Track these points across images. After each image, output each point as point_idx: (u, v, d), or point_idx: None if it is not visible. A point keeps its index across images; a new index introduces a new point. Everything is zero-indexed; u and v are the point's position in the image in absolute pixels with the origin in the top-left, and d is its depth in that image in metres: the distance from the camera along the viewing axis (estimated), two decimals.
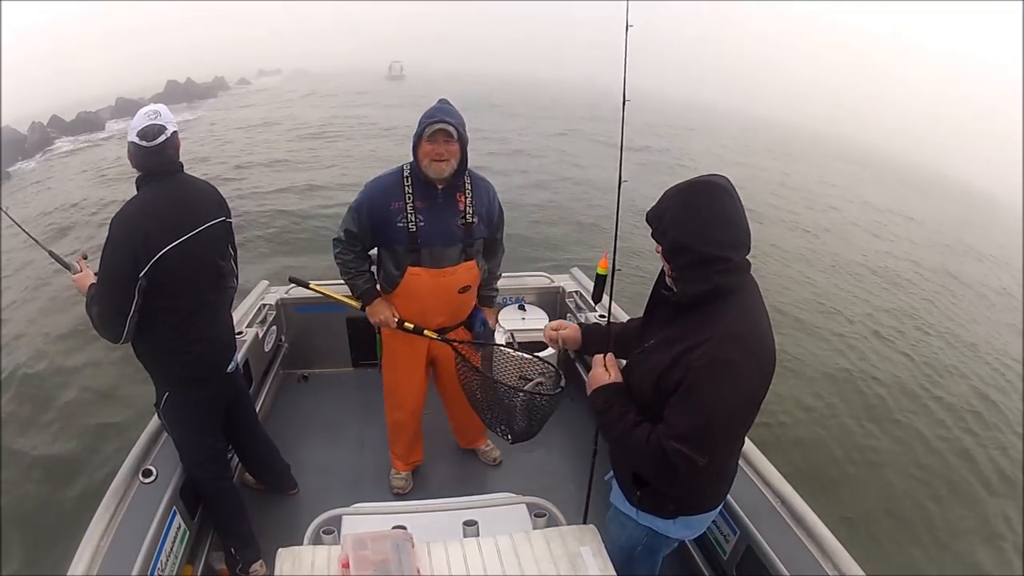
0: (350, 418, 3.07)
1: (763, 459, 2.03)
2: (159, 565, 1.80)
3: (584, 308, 3.28)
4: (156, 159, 1.76)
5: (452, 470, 2.77)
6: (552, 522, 1.60)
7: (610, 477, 1.67)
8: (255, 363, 2.97)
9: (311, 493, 2.58)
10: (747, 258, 1.31)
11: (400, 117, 20.89)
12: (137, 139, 1.73)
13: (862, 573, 1.62)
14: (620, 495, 1.58)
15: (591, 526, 1.52)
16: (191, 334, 1.89)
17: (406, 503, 1.98)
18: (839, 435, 5.37)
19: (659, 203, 1.34)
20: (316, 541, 1.53)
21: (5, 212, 2.19)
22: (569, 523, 1.57)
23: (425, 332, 2.22)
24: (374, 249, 2.25)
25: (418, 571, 1.32)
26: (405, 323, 2.23)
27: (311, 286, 2.55)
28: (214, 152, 16.06)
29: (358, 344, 3.38)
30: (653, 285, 1.49)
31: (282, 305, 3.32)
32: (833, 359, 6.76)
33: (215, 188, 2.01)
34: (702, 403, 1.21)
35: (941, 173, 37.66)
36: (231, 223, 2.04)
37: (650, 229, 1.36)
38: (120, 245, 1.70)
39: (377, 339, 2.46)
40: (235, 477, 2.47)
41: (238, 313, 3.07)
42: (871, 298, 9.14)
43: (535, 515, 1.65)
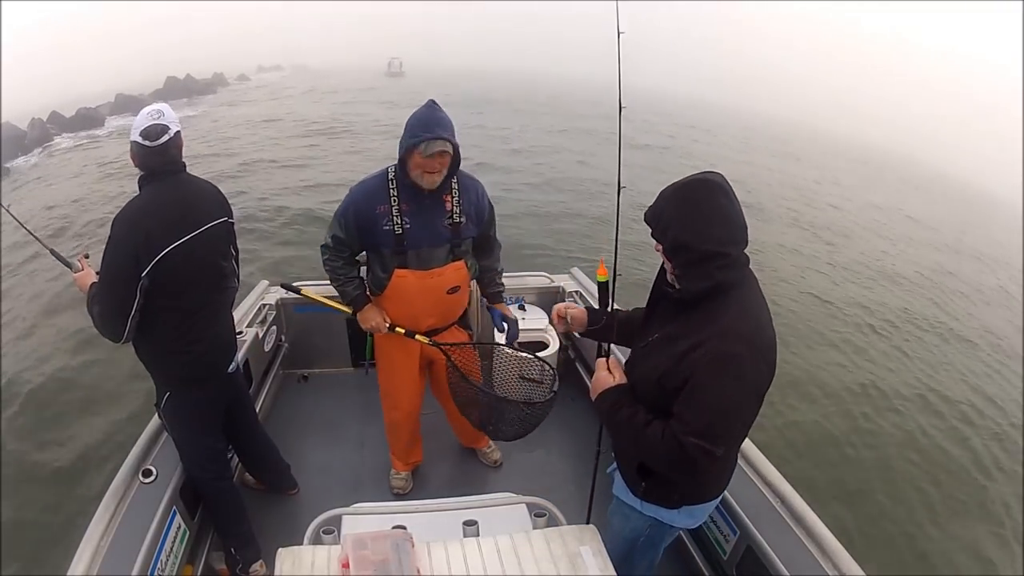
0: (350, 418, 3.07)
1: (763, 459, 2.03)
2: (159, 565, 1.80)
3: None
4: (159, 159, 1.75)
5: (452, 470, 2.77)
6: (552, 522, 1.60)
7: (612, 470, 1.68)
8: (255, 363, 2.96)
9: (311, 493, 2.57)
10: (745, 252, 1.34)
11: (403, 115, 20.88)
12: (140, 139, 1.72)
13: (862, 573, 1.62)
14: (623, 487, 1.59)
15: (591, 526, 1.51)
16: (192, 334, 1.88)
17: (406, 503, 1.98)
18: (838, 422, 5.46)
19: (656, 203, 1.35)
20: (316, 541, 1.53)
21: (6, 209, 2.18)
22: (569, 523, 1.57)
23: (416, 336, 2.20)
24: (363, 254, 2.23)
25: (418, 571, 1.32)
26: (396, 327, 2.21)
27: (302, 292, 2.54)
28: (217, 149, 15.98)
29: (358, 344, 3.36)
30: (654, 280, 1.51)
31: (282, 305, 3.31)
32: (831, 354, 6.83)
33: (217, 188, 2.00)
34: (713, 398, 1.25)
35: (941, 171, 37.72)
36: (233, 223, 2.03)
37: (650, 229, 1.37)
38: (122, 244, 1.69)
39: (368, 340, 2.46)
40: (235, 477, 2.47)
41: (238, 313, 3.05)
42: (867, 293, 9.19)
43: (535, 515, 1.66)
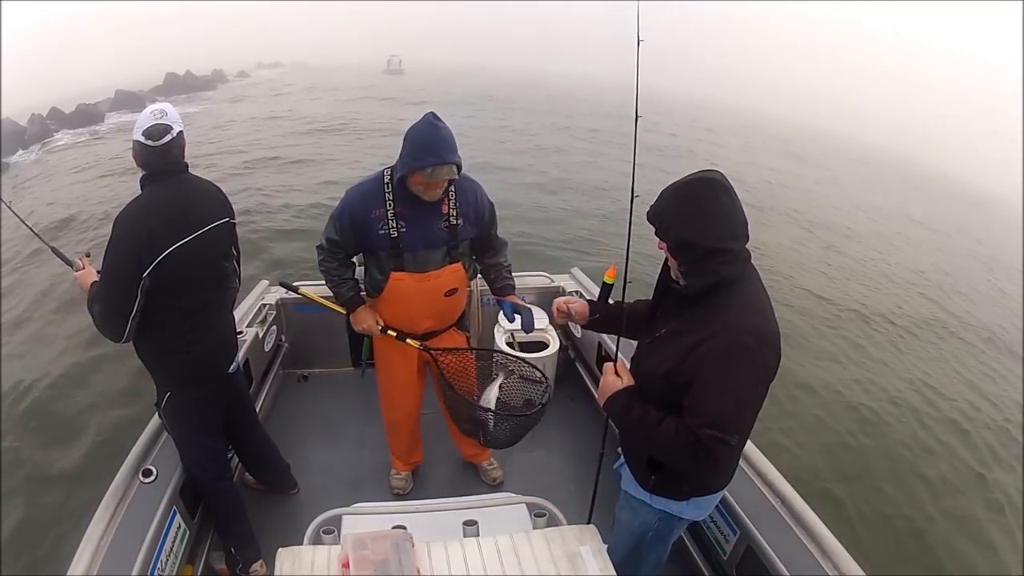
0: (350, 418, 3.07)
1: (763, 459, 2.03)
2: (159, 565, 1.80)
3: None
4: (161, 159, 1.74)
5: (452, 470, 2.76)
6: (552, 522, 1.60)
7: (619, 465, 1.69)
8: (255, 363, 2.96)
9: (311, 493, 2.57)
10: (746, 248, 1.37)
11: (404, 114, 20.90)
12: (142, 138, 1.71)
13: (862, 573, 1.63)
14: (632, 482, 1.60)
15: (591, 526, 1.52)
16: (193, 334, 1.88)
17: (406, 503, 1.98)
18: (838, 413, 5.57)
19: (658, 202, 1.37)
20: (316, 541, 1.54)
21: (7, 206, 2.17)
22: (569, 523, 1.57)
23: (408, 340, 2.19)
24: (359, 255, 2.21)
25: (418, 571, 1.33)
26: (389, 330, 2.20)
27: (300, 291, 2.54)
28: (221, 147, 15.87)
29: (358, 344, 3.36)
30: (658, 276, 1.52)
31: (282, 305, 3.31)
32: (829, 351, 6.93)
33: (219, 188, 1.99)
34: (725, 389, 1.28)
35: (941, 171, 37.78)
36: (235, 224, 2.03)
37: (653, 228, 1.40)
38: (124, 244, 1.68)
39: (365, 341, 2.44)
40: (235, 477, 2.46)
41: (238, 313, 3.04)
42: (865, 291, 9.24)
43: (535, 515, 1.66)
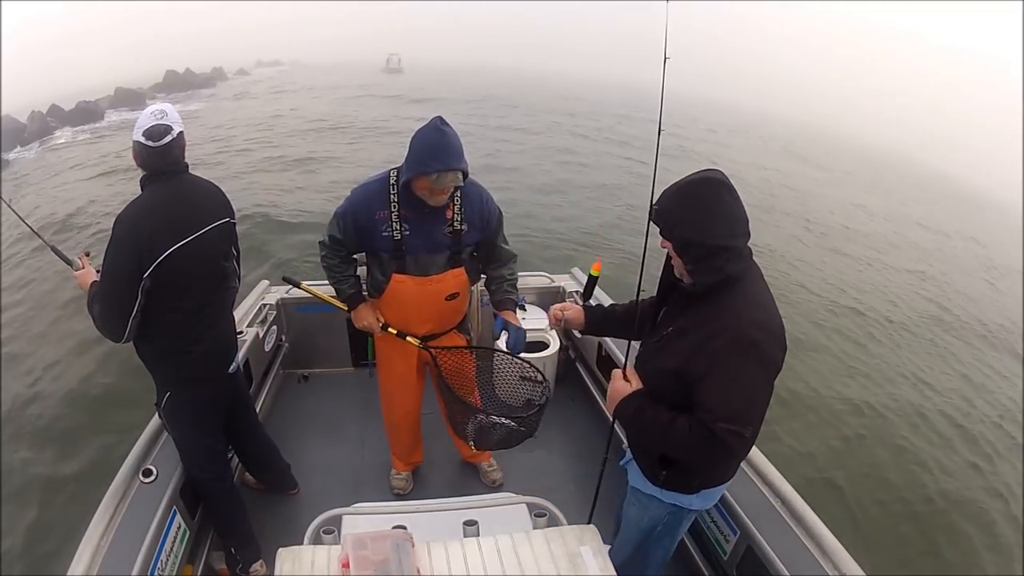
0: (350, 418, 3.06)
1: (763, 459, 2.04)
2: (159, 565, 1.80)
3: None
4: (162, 159, 1.74)
5: (452, 470, 2.76)
6: (552, 522, 1.60)
7: (626, 462, 1.69)
8: (255, 363, 2.96)
9: (311, 493, 2.57)
10: (748, 245, 1.39)
11: (406, 113, 20.84)
12: (143, 139, 1.70)
13: (862, 573, 1.63)
14: (641, 478, 1.60)
15: (591, 526, 1.52)
16: (193, 334, 1.88)
17: (406, 503, 1.98)
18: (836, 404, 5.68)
19: (661, 203, 1.38)
20: (316, 541, 1.53)
21: (7, 204, 2.17)
22: (569, 523, 1.57)
23: (408, 338, 2.19)
24: (362, 253, 2.21)
25: (418, 571, 1.33)
26: (389, 328, 2.20)
27: (302, 286, 2.55)
28: (222, 146, 15.80)
29: (358, 344, 3.36)
30: (661, 275, 1.53)
31: (282, 305, 3.31)
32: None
33: (219, 188, 1.99)
34: (737, 382, 1.30)
35: (941, 171, 37.85)
36: (235, 224, 2.02)
37: (657, 228, 1.41)
38: (124, 245, 1.68)
39: (369, 340, 2.44)
40: (235, 477, 2.47)
41: (238, 313, 3.04)
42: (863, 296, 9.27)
43: (535, 515, 1.66)
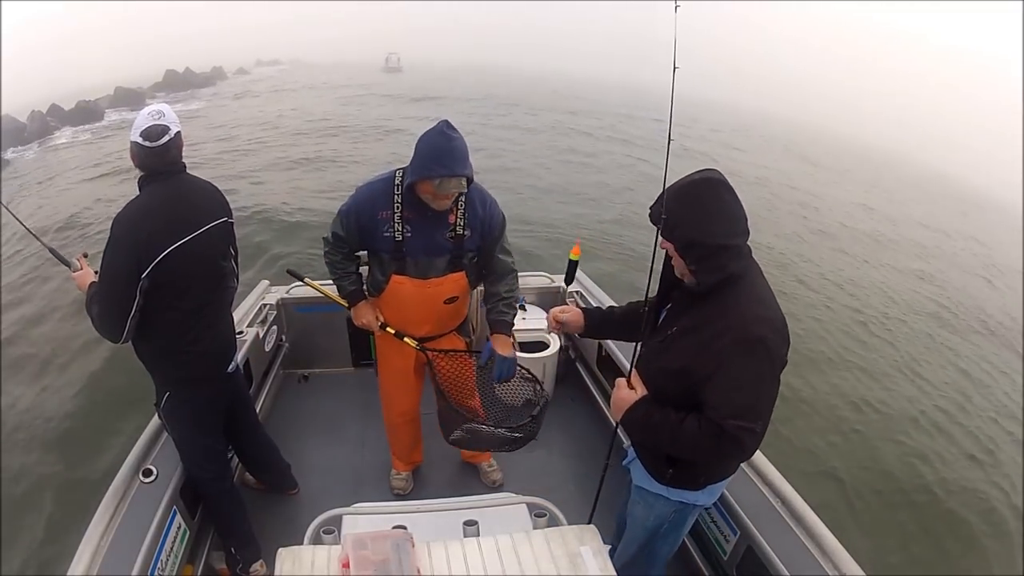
0: (350, 418, 3.06)
1: (763, 459, 2.03)
2: (159, 565, 1.80)
3: (585, 306, 3.27)
4: (160, 159, 1.74)
5: (453, 470, 2.76)
6: (552, 522, 1.60)
7: (629, 461, 1.69)
8: (255, 363, 2.96)
9: (311, 493, 2.57)
10: (747, 243, 1.39)
11: (407, 112, 20.74)
12: (140, 139, 1.71)
13: (862, 573, 1.63)
14: (647, 477, 1.61)
15: (591, 526, 1.52)
16: (192, 334, 1.88)
17: (406, 503, 1.98)
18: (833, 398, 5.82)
19: (661, 204, 1.38)
20: (316, 541, 1.53)
21: (6, 207, 2.17)
22: (569, 523, 1.57)
23: (405, 339, 2.19)
24: (364, 251, 2.21)
25: (418, 571, 1.33)
26: (387, 327, 2.21)
27: (305, 280, 2.58)
28: (224, 147, 15.82)
29: (358, 344, 3.36)
30: (661, 274, 1.53)
31: (283, 305, 3.31)
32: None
33: (217, 188, 1.99)
34: (746, 379, 1.31)
35: (940, 171, 37.94)
36: (233, 223, 2.03)
37: (656, 229, 1.41)
38: (122, 245, 1.68)
39: (371, 340, 2.44)
40: (235, 477, 2.47)
41: (238, 313, 3.05)
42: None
43: (535, 515, 1.66)
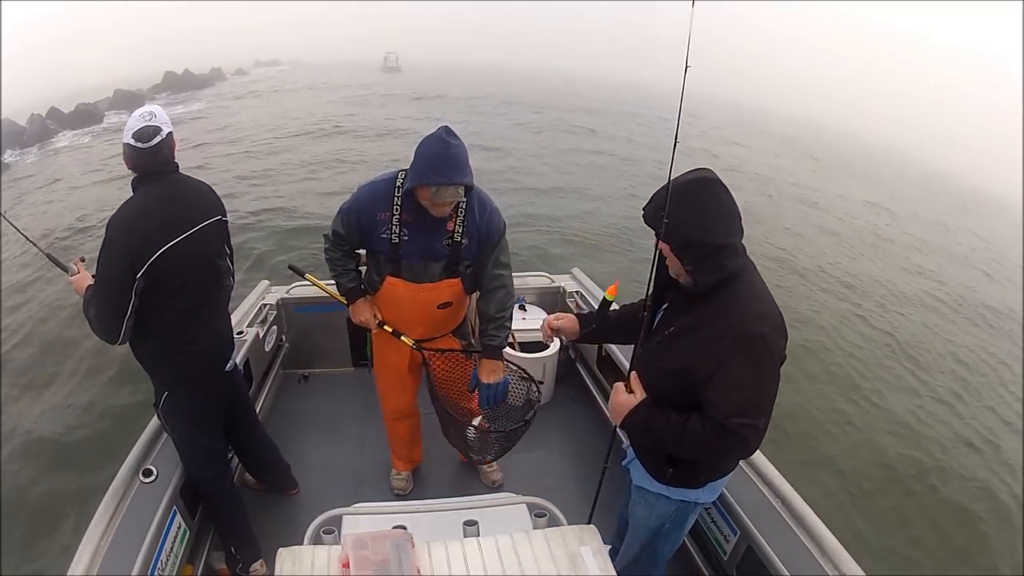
0: (350, 418, 3.06)
1: (763, 459, 2.03)
2: (159, 565, 1.80)
3: (585, 308, 3.27)
4: (152, 160, 1.75)
5: (452, 470, 2.76)
6: (552, 522, 1.60)
7: (628, 462, 1.69)
8: (255, 363, 2.96)
9: (311, 493, 2.57)
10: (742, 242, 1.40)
11: (409, 112, 20.67)
12: (132, 140, 1.71)
13: (862, 573, 1.63)
14: (647, 477, 1.60)
15: (591, 526, 1.52)
16: (188, 333, 1.88)
17: (406, 503, 1.98)
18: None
19: (656, 205, 1.37)
20: (316, 541, 1.54)
21: (4, 217, 2.19)
22: (569, 523, 1.57)
23: (402, 338, 2.19)
24: (363, 250, 2.21)
25: (418, 571, 1.33)
26: (385, 325, 2.21)
27: (306, 276, 2.61)
28: (227, 149, 15.79)
29: (358, 344, 3.36)
30: (656, 273, 1.52)
31: (283, 305, 3.31)
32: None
33: (210, 187, 2.00)
34: (747, 377, 1.31)
35: (941, 169, 38.06)
36: (227, 221, 2.03)
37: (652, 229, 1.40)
38: (116, 247, 1.69)
39: (368, 339, 2.45)
40: (235, 477, 2.47)
41: (239, 313, 3.06)
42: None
43: (535, 515, 1.66)
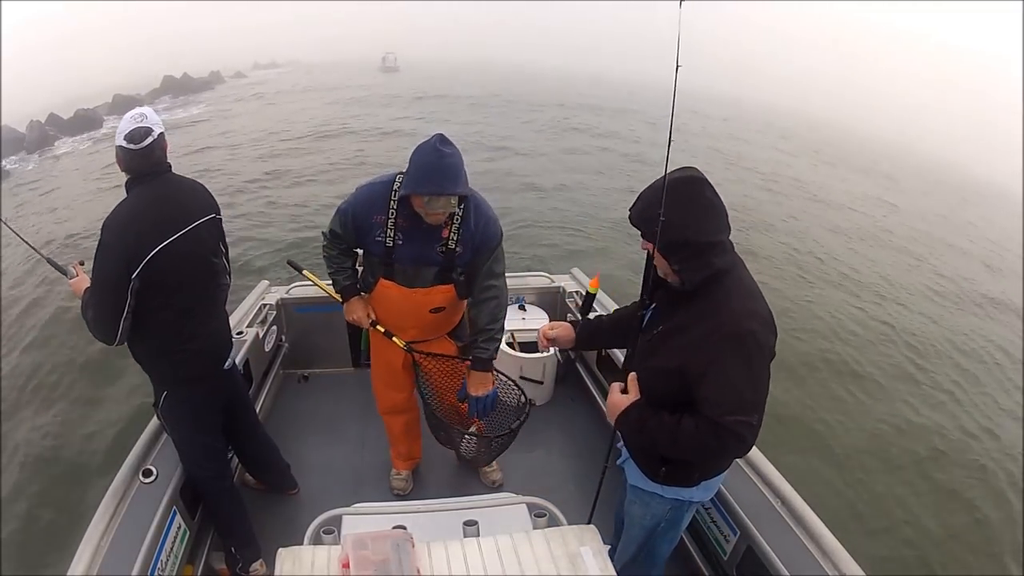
0: (350, 418, 3.06)
1: (763, 459, 2.03)
2: (159, 565, 1.80)
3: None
4: (145, 160, 1.75)
5: (452, 471, 2.76)
6: (552, 522, 1.60)
7: (623, 461, 1.69)
8: (255, 363, 2.96)
9: (311, 493, 2.57)
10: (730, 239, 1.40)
11: (411, 112, 20.68)
12: (124, 142, 1.72)
13: (862, 573, 1.62)
14: (641, 476, 1.60)
15: (591, 526, 1.51)
16: (186, 332, 1.88)
17: (406, 503, 1.98)
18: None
19: (642, 205, 1.38)
20: (316, 541, 1.54)
21: (5, 223, 2.20)
22: (569, 523, 1.57)
23: (394, 339, 2.19)
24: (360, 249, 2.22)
25: (418, 571, 1.33)
26: (378, 325, 2.21)
27: (304, 272, 2.61)
28: (228, 152, 15.77)
29: (358, 344, 3.36)
30: (644, 273, 1.53)
31: (282, 305, 3.31)
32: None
33: (204, 186, 2.00)
34: (740, 374, 1.31)
35: (941, 160, 38.35)
36: (221, 220, 2.03)
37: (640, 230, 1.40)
38: (111, 248, 1.70)
39: (363, 335, 2.45)
40: (235, 477, 2.47)
41: (238, 313, 3.07)
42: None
43: (535, 515, 1.66)
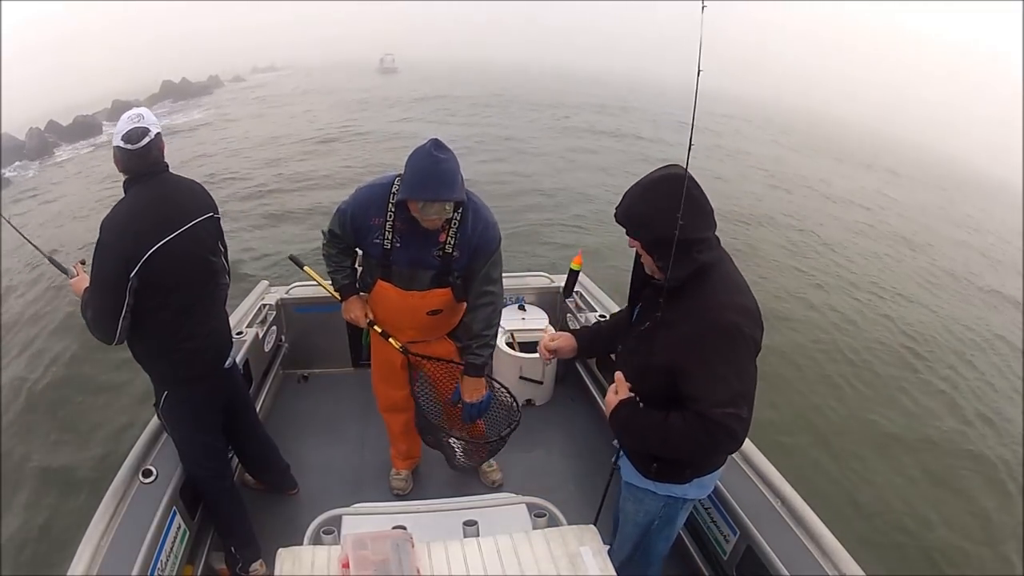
0: (350, 418, 3.06)
1: (763, 459, 2.03)
2: (159, 565, 1.80)
3: (584, 308, 3.26)
4: (142, 161, 1.76)
5: (452, 471, 2.75)
6: (552, 522, 1.60)
7: (617, 459, 1.68)
8: (255, 363, 2.96)
9: (311, 493, 2.57)
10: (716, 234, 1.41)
11: (411, 113, 20.67)
12: (122, 143, 1.73)
13: (862, 573, 1.62)
14: (634, 473, 1.61)
15: (591, 526, 1.51)
16: (185, 332, 1.89)
17: (406, 503, 1.98)
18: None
19: (627, 203, 1.40)
20: (316, 541, 1.53)
21: (7, 221, 2.21)
22: (569, 523, 1.56)
23: (391, 340, 2.20)
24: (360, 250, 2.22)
25: (418, 571, 1.32)
26: (375, 326, 2.22)
27: (305, 268, 2.62)
28: (228, 158, 15.82)
29: (358, 344, 3.37)
30: (632, 271, 1.54)
31: (282, 305, 3.32)
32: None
33: (202, 185, 2.01)
34: (727, 368, 1.32)
35: (943, 153, 38.50)
36: (219, 219, 2.03)
37: (624, 228, 1.41)
38: (109, 248, 1.70)
39: (363, 333, 2.46)
40: (235, 477, 2.47)
41: (238, 313, 3.07)
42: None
43: (535, 515, 1.66)
